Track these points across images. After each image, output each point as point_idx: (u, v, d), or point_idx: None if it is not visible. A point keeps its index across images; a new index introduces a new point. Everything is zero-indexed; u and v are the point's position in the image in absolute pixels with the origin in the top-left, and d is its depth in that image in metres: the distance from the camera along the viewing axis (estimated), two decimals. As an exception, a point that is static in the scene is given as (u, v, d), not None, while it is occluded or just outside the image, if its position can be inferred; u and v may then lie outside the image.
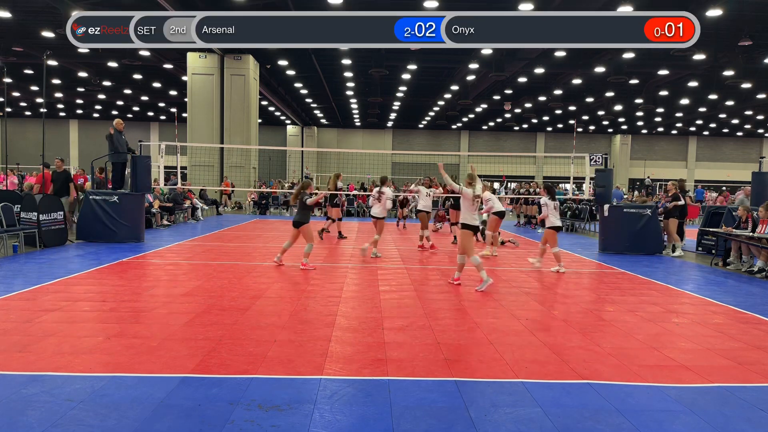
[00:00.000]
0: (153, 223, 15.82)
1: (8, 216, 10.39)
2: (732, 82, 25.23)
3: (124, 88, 35.91)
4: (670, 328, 6.03)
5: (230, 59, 25.03)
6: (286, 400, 3.81)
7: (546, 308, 6.86)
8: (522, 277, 9.18)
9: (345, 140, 52.48)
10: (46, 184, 13.08)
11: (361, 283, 8.26)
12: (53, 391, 3.86)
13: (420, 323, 5.92)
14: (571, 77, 29.02)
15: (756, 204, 11.98)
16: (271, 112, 43.75)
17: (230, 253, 11.17)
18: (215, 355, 4.71)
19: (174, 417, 3.52)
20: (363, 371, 4.42)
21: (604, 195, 12.99)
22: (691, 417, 3.72)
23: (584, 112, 41.23)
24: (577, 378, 4.39)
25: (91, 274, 8.44)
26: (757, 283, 9.26)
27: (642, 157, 52.77)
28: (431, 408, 3.76)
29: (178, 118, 39.54)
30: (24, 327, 5.41)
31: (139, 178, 12.63)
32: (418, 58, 25.49)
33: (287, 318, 6.01)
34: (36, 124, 47.28)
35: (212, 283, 7.87)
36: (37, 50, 23.87)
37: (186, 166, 25.28)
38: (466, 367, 4.59)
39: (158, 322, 5.75)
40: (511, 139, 53.00)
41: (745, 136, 51.76)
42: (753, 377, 4.54)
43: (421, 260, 10.87)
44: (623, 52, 22.77)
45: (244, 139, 25.41)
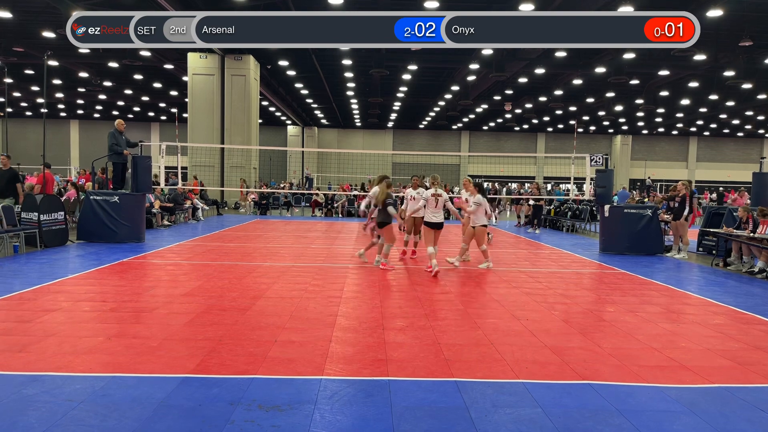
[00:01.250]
0: (153, 223, 15.83)
1: (9, 216, 10.39)
2: (732, 83, 25.22)
3: (125, 89, 35.94)
4: (670, 329, 6.03)
5: (231, 59, 25.03)
6: (286, 401, 3.81)
7: (546, 309, 6.86)
8: (522, 277, 9.18)
9: (345, 140, 52.50)
10: (47, 184, 13.08)
11: (361, 283, 8.26)
12: (53, 391, 3.87)
13: (420, 323, 5.92)
14: (571, 77, 29.02)
15: (756, 204, 11.97)
16: (272, 112, 43.77)
17: (231, 254, 11.17)
18: (215, 355, 4.71)
19: (174, 417, 3.52)
20: (363, 371, 4.42)
21: (604, 195, 12.98)
22: (691, 417, 3.72)
23: (585, 112, 41.24)
24: (577, 378, 4.39)
25: (91, 274, 8.44)
26: (757, 283, 9.26)
27: (642, 157, 52.76)
28: (431, 408, 3.76)
29: (179, 118, 39.54)
30: (24, 327, 5.41)
31: (140, 178, 12.64)
32: (418, 58, 25.49)
33: (288, 318, 6.01)
34: (37, 125, 47.30)
35: (213, 284, 7.87)
36: (38, 50, 23.89)
37: (186, 166, 25.30)
38: (466, 367, 4.59)
39: (159, 322, 5.75)
40: (511, 140, 53.01)
41: (746, 136, 51.75)
42: (753, 378, 4.53)
43: (421, 260, 10.86)
44: (623, 52, 22.77)
45: (245, 140, 25.41)
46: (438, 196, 9.23)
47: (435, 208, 9.24)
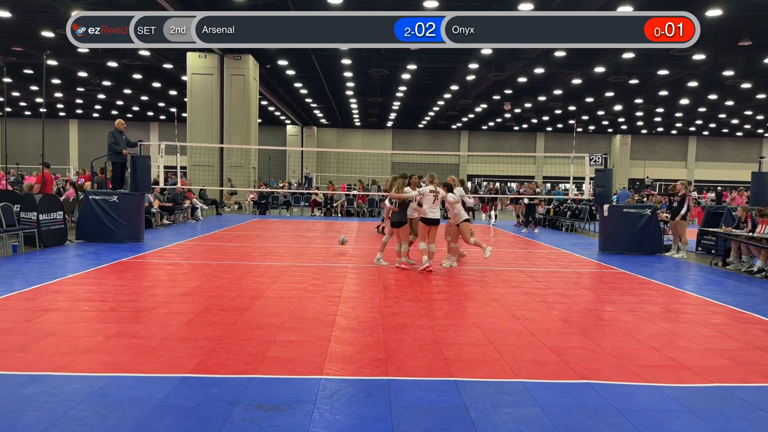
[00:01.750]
0: (153, 222, 15.83)
1: (8, 216, 10.38)
2: (732, 82, 25.25)
3: (124, 88, 35.92)
4: (669, 328, 6.03)
5: (230, 59, 25.02)
6: (285, 400, 3.81)
7: (546, 308, 6.86)
8: (521, 277, 9.18)
9: (345, 140, 52.47)
10: (46, 184, 13.07)
11: (360, 283, 8.26)
12: (53, 391, 3.86)
13: (420, 323, 5.92)
14: (571, 77, 29.03)
15: (755, 204, 11.98)
16: (271, 112, 43.76)
17: (230, 253, 11.17)
18: (215, 354, 4.71)
19: (174, 417, 3.52)
20: (363, 371, 4.42)
21: (603, 195, 12.99)
22: (691, 417, 3.72)
23: (584, 112, 41.24)
24: (577, 378, 4.39)
25: (90, 273, 8.43)
26: (756, 283, 9.26)
27: (642, 157, 52.78)
28: (431, 408, 3.76)
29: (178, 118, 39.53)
30: (24, 327, 5.40)
31: (139, 178, 12.64)
32: (418, 58, 25.48)
33: (287, 318, 6.01)
34: (36, 124, 47.29)
35: (212, 283, 7.87)
36: (37, 50, 23.86)
37: (186, 166, 25.29)
38: (465, 366, 4.59)
39: (158, 322, 5.75)
40: (511, 139, 53.02)
41: (745, 136, 51.78)
42: (753, 377, 4.54)
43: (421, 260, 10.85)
44: (623, 52, 22.78)
45: (244, 139, 25.41)
46: (436, 193, 9.39)
47: (433, 204, 9.37)
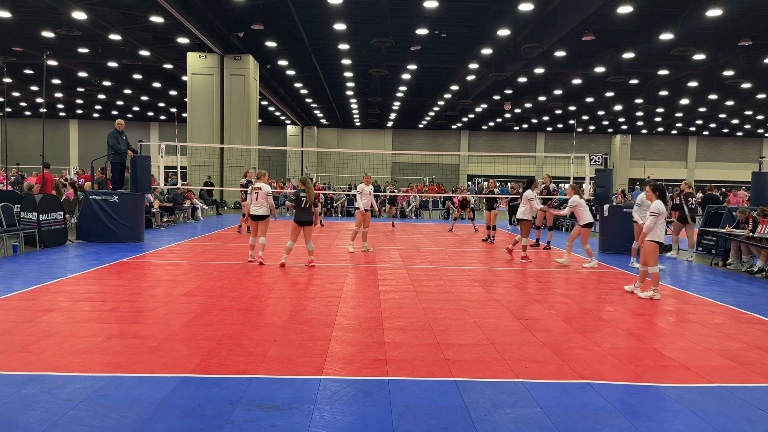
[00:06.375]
0: (153, 223, 15.82)
1: (8, 216, 10.38)
2: (732, 82, 25.23)
3: (124, 88, 35.91)
4: (669, 328, 6.03)
5: (230, 59, 25.03)
6: (286, 400, 3.81)
7: (546, 308, 6.86)
8: (521, 276, 9.18)
9: (345, 140, 52.46)
10: (47, 184, 13.07)
11: (360, 283, 8.26)
12: (53, 391, 3.86)
13: (420, 323, 5.92)
14: (571, 77, 29.02)
15: (756, 204, 11.96)
16: (271, 112, 43.74)
17: (230, 253, 11.16)
18: (215, 355, 4.71)
19: (174, 417, 3.52)
20: (363, 371, 4.42)
21: (604, 195, 12.98)
22: (691, 417, 3.72)
23: (584, 112, 41.23)
24: (577, 378, 4.39)
25: (90, 274, 8.43)
26: (756, 283, 9.26)
27: (642, 157, 52.76)
28: (431, 408, 3.76)
29: (178, 118, 39.54)
30: (24, 327, 5.40)
31: (139, 178, 12.63)
32: (418, 58, 25.47)
33: (287, 318, 6.01)
34: (36, 124, 47.29)
35: (212, 283, 7.87)
36: (37, 50, 23.87)
37: (186, 166, 25.29)
38: (466, 366, 4.59)
39: (158, 322, 5.75)
40: (511, 139, 52.99)
41: (745, 136, 51.77)
42: (753, 377, 4.54)
43: (421, 260, 10.86)
44: (623, 51, 22.76)
45: (244, 139, 25.40)
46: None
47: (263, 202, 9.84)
